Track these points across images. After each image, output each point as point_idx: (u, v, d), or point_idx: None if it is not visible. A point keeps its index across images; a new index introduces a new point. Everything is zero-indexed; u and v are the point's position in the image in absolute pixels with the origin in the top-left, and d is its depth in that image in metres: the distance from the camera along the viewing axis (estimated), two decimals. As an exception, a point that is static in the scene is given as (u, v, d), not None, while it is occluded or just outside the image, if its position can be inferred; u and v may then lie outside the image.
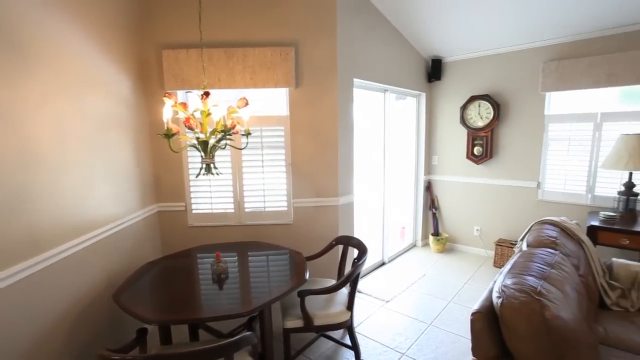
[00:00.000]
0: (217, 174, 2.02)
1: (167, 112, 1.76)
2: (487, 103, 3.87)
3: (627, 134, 2.88)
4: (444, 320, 2.81)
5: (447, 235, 4.41)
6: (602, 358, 1.62)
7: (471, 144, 4.10)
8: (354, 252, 3.16)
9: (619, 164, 2.85)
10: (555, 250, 1.97)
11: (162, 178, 2.88)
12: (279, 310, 2.82)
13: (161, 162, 2.85)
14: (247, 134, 2.05)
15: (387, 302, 3.12)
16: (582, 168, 3.44)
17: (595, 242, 2.88)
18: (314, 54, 2.84)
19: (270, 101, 2.99)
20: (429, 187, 4.57)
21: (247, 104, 1.99)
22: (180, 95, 2.85)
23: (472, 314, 1.53)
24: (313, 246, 3.02)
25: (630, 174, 2.97)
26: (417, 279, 3.59)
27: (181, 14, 2.68)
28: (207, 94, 1.87)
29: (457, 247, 4.45)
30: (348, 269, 2.81)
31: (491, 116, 3.85)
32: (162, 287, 1.94)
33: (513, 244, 3.81)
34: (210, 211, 2.95)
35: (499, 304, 1.43)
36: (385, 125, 3.81)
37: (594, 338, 1.64)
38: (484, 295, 1.66)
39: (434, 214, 4.48)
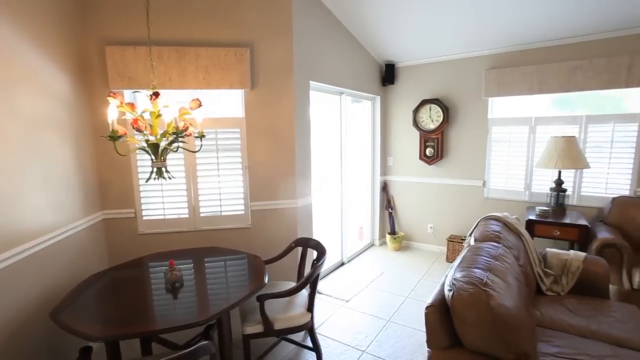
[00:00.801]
0: (170, 177, 1.93)
1: (112, 112, 1.65)
2: (437, 107, 4.09)
3: (556, 137, 3.19)
4: (401, 315, 2.91)
5: (403, 234, 4.59)
6: (538, 338, 1.78)
7: (423, 145, 4.31)
8: (313, 254, 3.17)
9: (550, 163, 3.15)
10: (499, 243, 2.13)
11: (109, 183, 2.69)
12: (238, 316, 2.75)
13: (107, 166, 2.66)
14: (201, 136, 1.99)
15: (347, 301, 3.17)
16: (520, 167, 3.77)
17: (532, 234, 3.16)
18: (269, 55, 2.82)
19: (226, 103, 2.92)
20: (385, 188, 4.72)
21: (200, 105, 1.92)
22: (127, 95, 2.68)
23: (426, 308, 1.60)
24: (272, 249, 2.98)
25: (559, 172, 3.30)
26: (375, 277, 3.69)
27: (126, 8, 2.53)
28: (156, 94, 1.78)
29: (413, 245, 4.64)
30: (308, 270, 2.82)
31: (441, 119, 4.07)
32: (109, 300, 1.80)
33: (463, 239, 4.05)
34: (162, 217, 2.80)
35: (450, 297, 1.51)
36: (341, 127, 3.88)
37: (532, 322, 1.80)
38: (437, 289, 1.75)
39: (390, 214, 4.63)
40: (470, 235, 2.53)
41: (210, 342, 1.40)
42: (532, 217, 3.23)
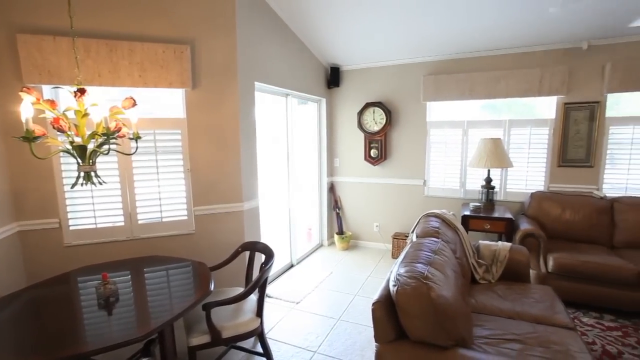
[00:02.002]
0: (100, 183, 1.76)
1: (27, 110, 1.46)
2: (380, 109, 4.26)
3: (485, 138, 3.51)
4: (350, 313, 2.98)
5: (350, 233, 4.70)
6: (473, 323, 1.93)
7: (368, 146, 4.46)
8: (261, 258, 3.11)
9: (481, 163, 3.46)
10: (438, 238, 2.28)
11: (25, 190, 2.37)
12: (183, 327, 2.60)
13: (22, 171, 2.35)
14: (137, 137, 1.84)
15: (297, 303, 3.16)
16: (456, 167, 4.08)
17: (467, 228, 3.44)
18: (212, 54, 2.71)
19: (165, 102, 2.75)
20: (332, 188, 4.80)
21: (134, 104, 1.78)
22: (47, 90, 2.39)
23: (373, 304, 1.65)
24: (218, 255, 2.87)
25: (489, 171, 3.64)
26: (324, 277, 3.73)
27: (45, -6, 2.26)
28: (82, 90, 1.62)
29: (360, 244, 4.78)
30: (256, 275, 2.76)
31: (384, 121, 4.26)
32: (26, 324, 1.59)
33: (406, 236, 4.27)
34: (93, 226, 2.55)
35: (395, 292, 1.58)
36: (288, 128, 3.87)
37: (468, 309, 1.95)
38: (382, 285, 1.81)
39: (337, 214, 4.72)
40: (412, 232, 2.67)
41: (150, 358, 1.30)
42: (467, 213, 3.51)
